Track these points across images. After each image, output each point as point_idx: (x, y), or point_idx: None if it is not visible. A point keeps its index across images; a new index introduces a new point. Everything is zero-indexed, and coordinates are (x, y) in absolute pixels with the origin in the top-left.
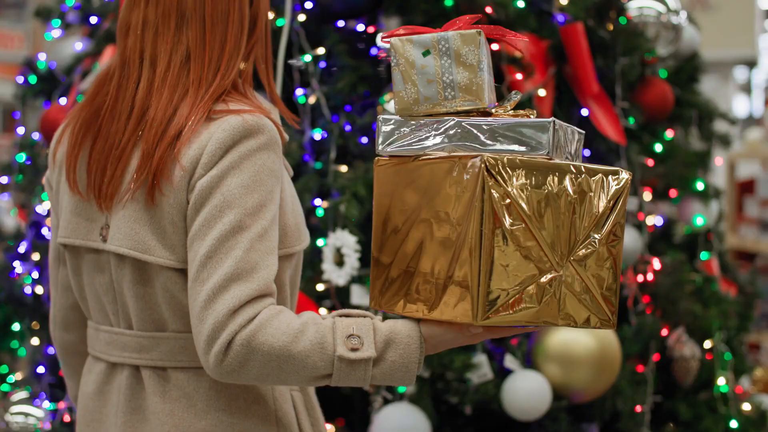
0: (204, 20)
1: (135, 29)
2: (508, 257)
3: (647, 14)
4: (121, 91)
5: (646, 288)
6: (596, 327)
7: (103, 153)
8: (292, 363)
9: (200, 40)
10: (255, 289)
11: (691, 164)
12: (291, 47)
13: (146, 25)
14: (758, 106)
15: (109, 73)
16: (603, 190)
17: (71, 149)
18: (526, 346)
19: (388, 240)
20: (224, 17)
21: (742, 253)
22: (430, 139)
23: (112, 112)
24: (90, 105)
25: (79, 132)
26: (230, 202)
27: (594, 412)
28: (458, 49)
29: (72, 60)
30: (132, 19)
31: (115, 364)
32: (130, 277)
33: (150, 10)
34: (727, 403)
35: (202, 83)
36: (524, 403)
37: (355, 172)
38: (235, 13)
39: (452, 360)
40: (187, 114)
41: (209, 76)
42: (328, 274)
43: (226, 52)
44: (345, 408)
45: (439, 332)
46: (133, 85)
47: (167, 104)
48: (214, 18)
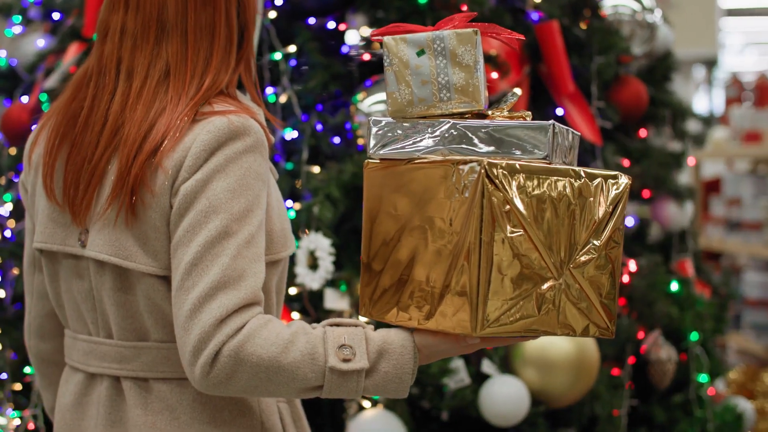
0: (186, 34)
1: (113, 35)
2: (508, 266)
3: (622, 12)
4: (96, 101)
5: (622, 290)
6: (595, 336)
7: (76, 165)
8: (281, 374)
9: (181, 55)
10: (242, 298)
11: (666, 164)
12: (261, 45)
13: (125, 34)
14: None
15: (86, 77)
16: (602, 195)
17: (47, 155)
18: (503, 351)
19: (378, 246)
20: (209, 31)
21: (708, 252)
22: (424, 142)
23: (87, 122)
24: (66, 109)
25: (56, 138)
26: (216, 207)
27: (572, 417)
28: (454, 48)
29: (34, 57)
30: (111, 23)
31: (94, 375)
32: (110, 285)
33: (129, 17)
34: (703, 406)
35: (181, 99)
36: (502, 408)
37: (328, 173)
38: (221, 27)
39: (428, 365)
40: (164, 129)
41: (191, 91)
42: (301, 277)
43: (211, 67)
44: (318, 414)
45: (433, 342)
46: (108, 97)
47: (141, 120)
48: (197, 32)
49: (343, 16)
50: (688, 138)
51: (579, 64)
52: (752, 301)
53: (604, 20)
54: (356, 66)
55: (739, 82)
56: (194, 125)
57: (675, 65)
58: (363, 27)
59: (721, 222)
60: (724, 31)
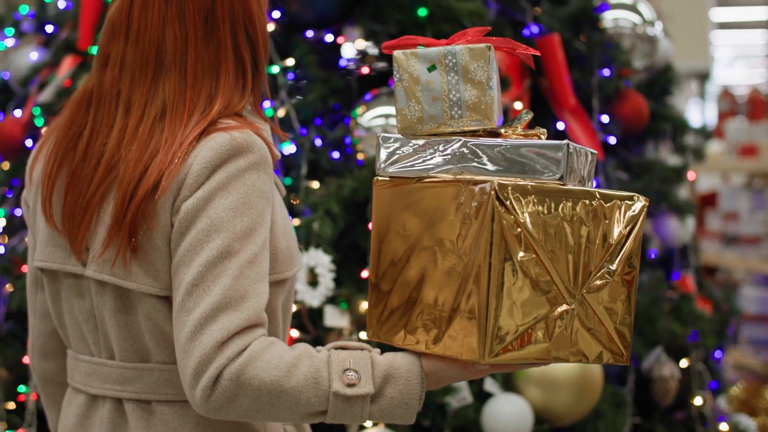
0: (185, 72)
1: (113, 66)
2: (519, 290)
3: (623, 25)
4: (95, 132)
5: None
6: (609, 363)
7: (74, 197)
8: (284, 399)
9: (179, 94)
10: (244, 320)
11: (668, 179)
12: None
13: (124, 66)
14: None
15: (86, 99)
16: (618, 218)
17: (47, 178)
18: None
19: (387, 266)
20: (212, 69)
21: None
22: (434, 160)
23: (85, 153)
24: (66, 130)
25: (54, 161)
26: (218, 226)
27: None
28: (466, 64)
29: (28, 70)
30: (111, 52)
31: (96, 396)
32: (111, 305)
33: (129, 49)
34: (705, 423)
35: (176, 140)
36: (505, 427)
37: (327, 189)
38: (228, 64)
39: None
40: (159, 168)
41: (187, 131)
42: (301, 294)
43: (216, 105)
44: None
45: (441, 368)
46: (106, 130)
47: (136, 162)
48: (197, 70)
49: (341, 29)
50: (688, 152)
51: (580, 78)
52: (750, 316)
53: (604, 33)
54: (355, 79)
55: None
56: (197, 142)
57: (675, 78)
58: (359, 40)
59: (717, 236)
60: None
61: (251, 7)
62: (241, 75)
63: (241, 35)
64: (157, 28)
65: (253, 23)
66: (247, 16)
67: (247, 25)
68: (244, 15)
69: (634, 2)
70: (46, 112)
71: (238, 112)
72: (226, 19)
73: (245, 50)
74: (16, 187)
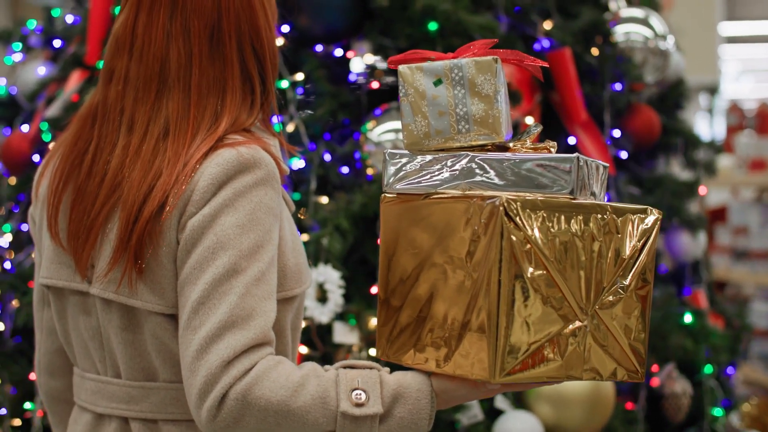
0: (189, 91)
1: (117, 82)
2: (529, 307)
3: (634, 39)
4: (99, 150)
5: None
6: (623, 380)
7: (79, 215)
8: (291, 419)
9: (183, 112)
10: (251, 338)
11: (680, 194)
12: None
13: (128, 83)
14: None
15: (91, 115)
16: (630, 232)
17: (52, 195)
18: None
19: (396, 282)
20: (219, 87)
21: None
22: (442, 175)
23: (90, 170)
24: (72, 146)
25: (60, 177)
26: (224, 243)
27: None
28: (473, 77)
29: (35, 85)
30: (116, 68)
31: (103, 416)
32: (117, 323)
33: (133, 65)
34: None
35: (179, 160)
36: None
37: (337, 204)
38: (235, 80)
39: None
40: (163, 189)
41: (191, 150)
42: (310, 311)
43: (223, 122)
44: None
45: (452, 387)
46: (110, 147)
47: (140, 183)
48: (202, 88)
49: (350, 43)
50: (699, 166)
51: (591, 92)
52: (760, 332)
53: (616, 47)
54: (364, 94)
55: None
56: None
57: (687, 93)
58: (368, 55)
59: (727, 251)
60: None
61: (258, 22)
62: (249, 92)
63: (248, 51)
64: (161, 45)
65: (260, 39)
66: (254, 32)
67: (254, 41)
68: (251, 30)
69: (646, 16)
70: (53, 127)
71: (246, 128)
72: (232, 35)
73: (253, 66)
74: (23, 203)
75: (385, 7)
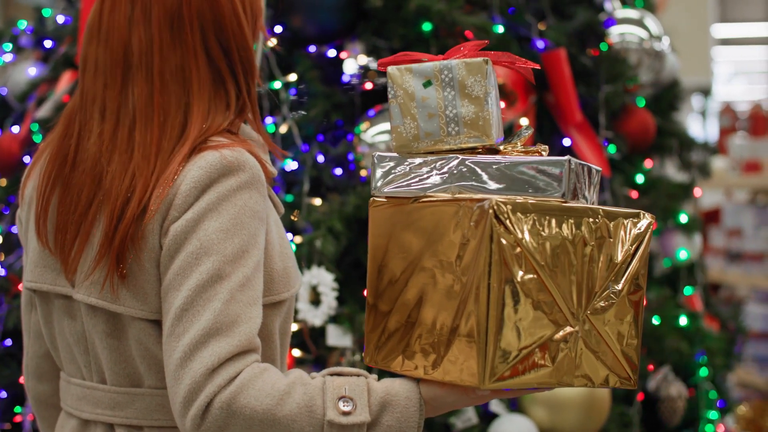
0: (152, 77)
1: (89, 69)
2: (520, 312)
3: (629, 40)
4: (81, 140)
5: None
6: (615, 386)
7: (67, 209)
8: (276, 428)
9: (148, 100)
10: (236, 345)
11: (675, 196)
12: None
13: (98, 69)
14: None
15: (74, 111)
16: (623, 236)
17: (40, 197)
18: None
19: (385, 286)
20: (181, 75)
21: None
22: (431, 179)
23: (74, 162)
24: (60, 145)
25: (49, 178)
26: (208, 249)
27: None
28: (463, 79)
29: (26, 86)
30: (89, 56)
31: (88, 422)
32: (102, 328)
33: (101, 51)
34: None
35: (152, 154)
36: None
37: (330, 206)
38: (197, 71)
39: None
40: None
41: (164, 143)
42: (303, 313)
43: (194, 114)
44: None
45: (441, 394)
46: (88, 135)
47: (122, 174)
48: (164, 75)
49: (344, 44)
50: (694, 168)
51: (586, 94)
52: (755, 334)
53: (611, 48)
54: (358, 95)
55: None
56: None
57: (681, 94)
58: (361, 55)
59: (721, 253)
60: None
61: (222, 11)
62: (221, 87)
63: (212, 43)
64: (123, 30)
65: (225, 32)
66: (217, 24)
67: (218, 33)
68: (215, 22)
69: (641, 17)
70: (44, 128)
71: (231, 130)
72: (194, 24)
73: (221, 59)
74: (13, 204)
75: (378, 8)
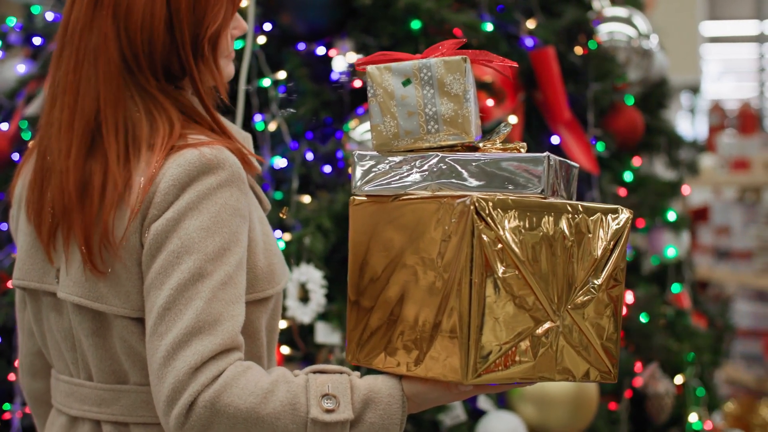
0: (75, 54)
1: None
2: (501, 308)
3: (618, 39)
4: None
5: None
6: (596, 381)
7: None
8: (260, 426)
9: (62, 80)
10: (219, 344)
11: (663, 193)
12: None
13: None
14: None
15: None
16: (602, 231)
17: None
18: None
19: (367, 284)
20: (93, 54)
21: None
22: (411, 176)
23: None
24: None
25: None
26: (188, 247)
27: None
28: (442, 77)
29: (15, 83)
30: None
31: (76, 418)
32: (88, 325)
33: (59, 33)
34: None
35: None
36: None
37: (319, 203)
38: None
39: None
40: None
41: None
42: (291, 311)
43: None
44: None
45: (423, 390)
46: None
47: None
48: (79, 54)
49: (333, 42)
50: (682, 166)
51: (574, 91)
52: (742, 331)
53: (599, 47)
54: (347, 93)
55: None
56: (166, 158)
57: (670, 92)
58: (350, 53)
59: (710, 251)
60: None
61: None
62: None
63: (122, 29)
64: (67, 9)
65: (133, 18)
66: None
67: (128, 19)
68: (128, 9)
69: (630, 15)
70: (33, 126)
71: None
72: (109, 7)
73: (126, 46)
74: (2, 201)
75: (367, 6)
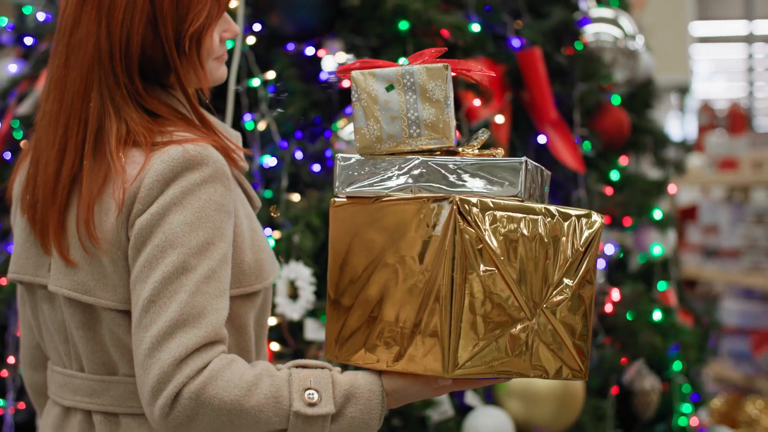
0: (66, 50)
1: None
2: (480, 305)
3: (604, 39)
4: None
5: (605, 320)
6: (567, 378)
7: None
8: (244, 418)
9: (54, 74)
10: (203, 336)
11: (649, 192)
12: (239, 71)
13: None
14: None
15: None
16: (575, 234)
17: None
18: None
19: (347, 283)
20: (79, 50)
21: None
22: (393, 179)
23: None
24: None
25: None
26: (172, 242)
27: None
28: (424, 83)
29: (7, 83)
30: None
31: (69, 409)
32: (79, 318)
33: (56, 30)
34: None
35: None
36: None
37: (308, 202)
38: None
39: None
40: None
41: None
42: (281, 308)
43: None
44: None
45: (403, 385)
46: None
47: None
48: (69, 50)
49: (322, 42)
50: (669, 165)
51: (561, 92)
52: (730, 329)
53: (586, 47)
54: (336, 93)
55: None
56: (150, 154)
57: (656, 92)
58: (339, 53)
59: (698, 249)
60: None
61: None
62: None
63: (104, 24)
64: (62, 6)
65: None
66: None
67: (110, 15)
68: (111, 4)
69: (616, 16)
70: (25, 125)
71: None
72: (94, 3)
73: (105, 45)
74: None
75: (356, 6)
